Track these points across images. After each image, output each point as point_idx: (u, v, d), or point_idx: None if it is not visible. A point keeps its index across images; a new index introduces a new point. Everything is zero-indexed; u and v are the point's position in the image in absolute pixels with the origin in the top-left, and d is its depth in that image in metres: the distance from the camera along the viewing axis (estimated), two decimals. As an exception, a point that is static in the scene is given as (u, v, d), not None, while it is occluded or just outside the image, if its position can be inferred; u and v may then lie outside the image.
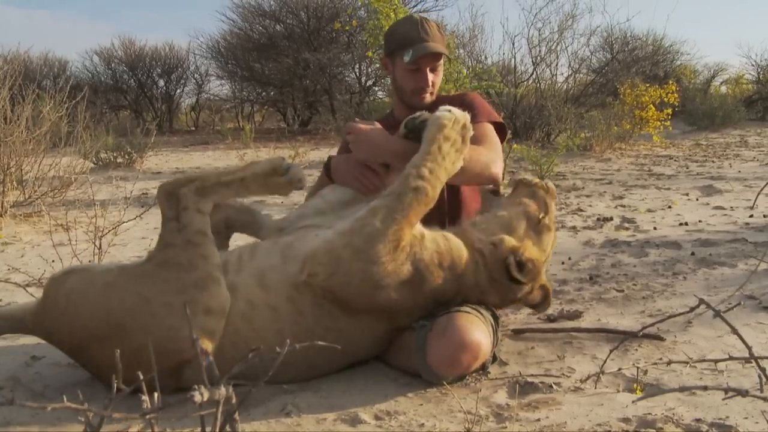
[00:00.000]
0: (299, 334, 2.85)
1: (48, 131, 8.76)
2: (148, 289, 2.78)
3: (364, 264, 2.84)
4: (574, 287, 4.65)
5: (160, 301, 2.75)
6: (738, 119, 21.17)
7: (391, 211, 2.87)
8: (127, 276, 2.85)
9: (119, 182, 9.94)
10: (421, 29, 3.76)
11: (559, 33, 18.35)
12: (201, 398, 1.13)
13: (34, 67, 25.37)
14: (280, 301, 2.88)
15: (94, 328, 2.82)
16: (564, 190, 9.54)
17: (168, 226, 2.86)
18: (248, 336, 2.86)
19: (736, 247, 5.59)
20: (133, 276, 2.84)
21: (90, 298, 2.84)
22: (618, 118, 15.48)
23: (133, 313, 2.75)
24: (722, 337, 3.53)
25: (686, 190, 9.08)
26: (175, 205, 2.87)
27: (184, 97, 29.18)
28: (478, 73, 13.92)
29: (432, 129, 3.03)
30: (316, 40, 23.22)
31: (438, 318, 3.03)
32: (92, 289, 2.86)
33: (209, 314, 2.76)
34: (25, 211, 8.13)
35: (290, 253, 2.96)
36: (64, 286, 2.92)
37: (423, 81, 3.83)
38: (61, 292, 2.91)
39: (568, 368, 3.26)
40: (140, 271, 2.85)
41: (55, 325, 2.93)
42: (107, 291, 2.83)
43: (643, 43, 26.11)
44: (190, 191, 2.88)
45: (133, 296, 2.78)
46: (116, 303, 2.79)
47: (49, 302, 2.95)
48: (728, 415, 2.67)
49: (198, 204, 2.88)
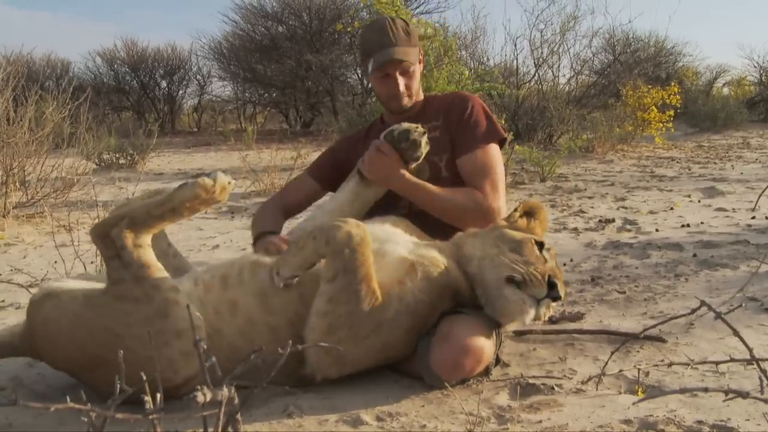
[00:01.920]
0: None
1: (51, 132, 8.79)
2: (114, 323, 2.75)
3: (359, 348, 2.87)
4: (576, 289, 4.65)
5: (129, 334, 2.73)
6: (740, 121, 21.15)
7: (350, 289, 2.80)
8: (92, 308, 2.82)
9: (121, 183, 9.96)
10: (384, 33, 3.63)
11: (561, 34, 18.37)
12: (204, 399, 1.13)
13: (36, 69, 25.42)
14: (281, 323, 2.90)
15: (74, 359, 2.85)
16: (566, 191, 9.54)
17: (111, 265, 2.81)
18: (246, 352, 2.85)
19: (738, 249, 5.59)
20: (97, 308, 2.80)
21: (63, 330, 2.84)
22: (620, 119, 15.48)
23: (106, 347, 2.73)
24: (724, 339, 3.53)
25: (688, 192, 9.07)
26: (111, 246, 2.81)
27: (186, 99, 29.31)
28: (480, 74, 13.91)
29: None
30: (318, 42, 23.26)
31: (441, 322, 3.03)
32: (64, 319, 2.84)
33: (181, 337, 2.75)
34: (28, 212, 8.15)
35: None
36: (41, 313, 2.92)
37: (394, 87, 3.71)
38: (39, 319, 2.92)
39: (570, 370, 3.26)
40: (103, 302, 2.81)
41: (42, 348, 2.94)
42: (77, 323, 2.81)
43: (645, 45, 26.17)
44: (123, 229, 2.80)
45: (101, 331, 2.77)
46: (87, 337, 2.79)
47: (31, 326, 2.96)
48: (730, 417, 2.67)
49: (135, 240, 2.81)
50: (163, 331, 2.73)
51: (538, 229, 3.25)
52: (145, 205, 2.87)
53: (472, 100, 3.80)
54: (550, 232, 6.69)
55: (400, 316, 2.89)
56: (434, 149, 3.58)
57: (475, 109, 3.74)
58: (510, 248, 3.01)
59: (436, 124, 3.72)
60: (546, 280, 2.88)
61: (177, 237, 7.17)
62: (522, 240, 3.04)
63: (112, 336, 2.74)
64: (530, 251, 2.99)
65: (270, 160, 10.83)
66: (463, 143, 3.63)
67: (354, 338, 2.82)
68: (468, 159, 3.60)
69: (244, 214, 8.25)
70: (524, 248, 3.00)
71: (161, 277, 2.82)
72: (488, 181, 3.55)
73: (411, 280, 2.94)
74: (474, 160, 3.59)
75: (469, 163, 3.60)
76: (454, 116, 3.70)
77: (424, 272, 2.98)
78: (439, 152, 3.64)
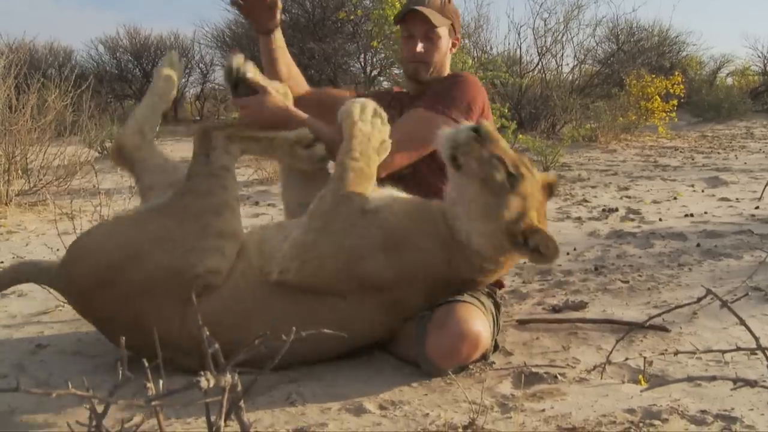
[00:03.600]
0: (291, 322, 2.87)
1: (53, 120, 8.77)
2: (168, 217, 2.97)
3: (328, 239, 2.92)
4: (579, 278, 4.64)
5: (177, 224, 2.94)
6: (744, 111, 21.10)
7: (337, 190, 2.99)
8: (151, 210, 3.08)
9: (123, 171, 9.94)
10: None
11: (565, 23, 18.37)
12: (207, 384, 1.12)
13: (39, 56, 25.33)
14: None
15: (111, 260, 2.93)
16: (569, 181, 9.53)
17: (197, 160, 3.06)
18: (235, 319, 2.94)
19: (741, 239, 5.58)
20: (157, 209, 3.05)
21: (114, 234, 3.01)
22: (623, 109, 15.45)
23: (151, 238, 2.93)
24: (728, 328, 3.52)
25: (692, 182, 9.06)
26: (207, 143, 3.07)
27: (189, 87, 29.13)
28: (483, 63, 13.87)
29: (347, 120, 3.15)
30: (321, 30, 23.17)
31: (438, 308, 3.02)
32: (118, 226, 3.04)
33: (221, 238, 2.95)
34: (30, 199, 8.14)
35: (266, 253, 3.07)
36: (93, 232, 3.10)
37: (412, 48, 3.61)
38: (90, 235, 3.09)
39: (573, 359, 3.26)
40: (163, 203, 3.05)
41: (74, 270, 3.02)
42: (132, 224, 3.02)
43: (649, 34, 26.07)
44: (223, 135, 3.08)
45: (154, 224, 2.97)
46: (138, 233, 2.96)
47: (74, 248, 3.09)
48: (733, 407, 2.67)
49: (227, 147, 3.08)
50: (209, 225, 2.94)
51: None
52: (251, 127, 3.20)
53: (465, 76, 3.62)
54: (553, 221, 6.68)
55: (372, 227, 2.94)
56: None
57: (458, 83, 3.55)
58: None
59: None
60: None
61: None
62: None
63: (160, 227, 2.96)
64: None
65: (272, 149, 10.80)
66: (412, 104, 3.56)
67: (324, 229, 2.93)
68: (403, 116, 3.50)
69: (246, 203, 8.23)
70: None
71: (232, 183, 3.08)
72: (398, 133, 3.29)
73: (394, 202, 3.06)
74: (405, 117, 3.48)
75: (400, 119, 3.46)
76: (438, 86, 3.57)
77: (407, 202, 3.12)
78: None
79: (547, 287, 4.49)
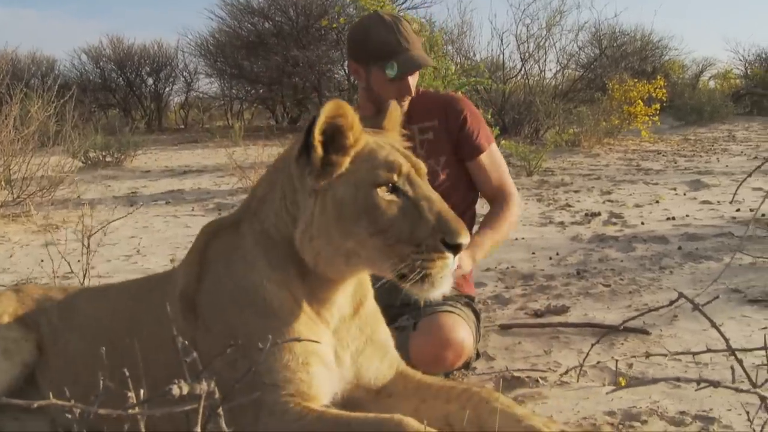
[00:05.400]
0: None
1: (36, 130, 8.76)
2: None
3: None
4: (562, 282, 4.68)
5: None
6: (726, 114, 21.24)
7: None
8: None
9: (108, 181, 9.94)
10: (400, 36, 3.35)
11: (547, 29, 18.51)
12: (179, 391, 1.14)
13: (21, 66, 25.18)
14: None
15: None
16: (552, 185, 9.58)
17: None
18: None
19: (722, 241, 5.63)
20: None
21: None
22: (606, 113, 15.52)
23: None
24: (707, 330, 3.56)
25: (674, 185, 9.12)
26: None
27: (173, 96, 29.11)
28: (466, 69, 13.93)
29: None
30: (305, 38, 23.21)
31: (422, 318, 3.05)
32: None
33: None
34: (14, 211, 8.12)
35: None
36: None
37: (406, 90, 3.47)
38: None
39: (555, 362, 3.29)
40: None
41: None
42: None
43: (632, 39, 26.24)
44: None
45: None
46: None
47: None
48: (712, 408, 2.70)
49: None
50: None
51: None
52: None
53: (465, 105, 3.66)
54: (536, 226, 6.73)
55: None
56: (430, 152, 3.51)
57: (470, 114, 3.63)
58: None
59: (428, 125, 3.60)
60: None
61: (165, 234, 7.16)
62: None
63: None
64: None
65: (257, 157, 10.80)
66: (472, 149, 3.61)
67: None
68: (479, 162, 3.61)
69: (230, 211, 8.24)
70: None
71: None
72: (504, 174, 3.65)
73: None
74: (486, 161, 3.61)
75: (483, 165, 3.61)
76: (453, 123, 3.58)
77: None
78: (436, 155, 3.55)
79: (530, 292, 4.53)
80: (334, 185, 2.22)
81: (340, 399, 2.49)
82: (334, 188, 2.21)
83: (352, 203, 2.19)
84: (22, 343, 2.77)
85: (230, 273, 2.44)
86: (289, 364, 2.24)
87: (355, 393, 2.53)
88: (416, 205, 2.18)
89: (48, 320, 2.86)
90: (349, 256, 2.25)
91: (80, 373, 2.66)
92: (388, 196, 2.18)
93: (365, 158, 2.24)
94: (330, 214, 2.22)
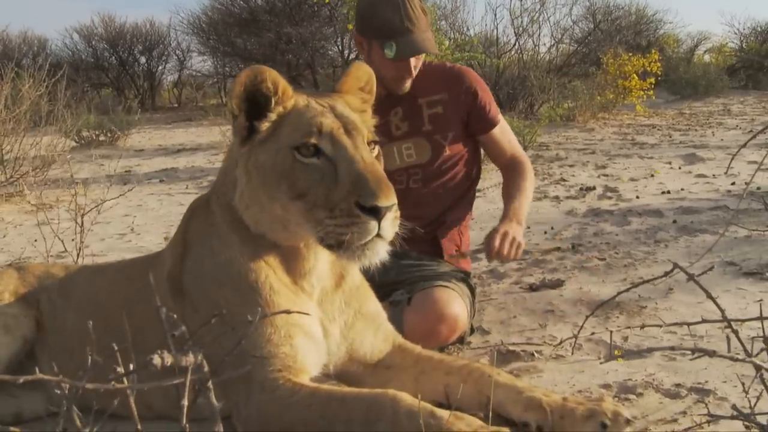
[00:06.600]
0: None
1: (28, 110, 8.70)
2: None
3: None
4: (557, 256, 4.68)
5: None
6: (721, 88, 21.16)
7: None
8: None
9: (101, 160, 9.89)
10: (405, 16, 3.26)
11: (541, 3, 18.36)
12: (161, 362, 1.12)
13: (12, 46, 25.12)
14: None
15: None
16: (547, 160, 9.55)
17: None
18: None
19: (717, 215, 5.63)
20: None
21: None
22: (601, 87, 15.45)
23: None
24: (702, 303, 3.55)
25: (669, 159, 9.10)
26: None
27: (166, 74, 28.91)
28: (459, 44, 13.85)
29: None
30: (297, 14, 23.04)
31: (416, 293, 3.06)
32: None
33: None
34: (7, 190, 8.08)
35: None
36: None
37: (405, 71, 3.40)
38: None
39: (550, 336, 3.29)
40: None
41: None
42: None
43: (626, 13, 26.10)
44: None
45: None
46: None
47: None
48: (707, 380, 2.71)
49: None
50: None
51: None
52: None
53: (474, 79, 3.62)
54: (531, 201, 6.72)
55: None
56: (438, 126, 3.48)
57: (480, 88, 3.60)
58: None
59: (437, 98, 3.53)
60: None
61: (159, 212, 7.15)
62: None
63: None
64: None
65: (251, 135, 10.76)
66: (486, 124, 3.60)
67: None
68: (493, 135, 3.63)
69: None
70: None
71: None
72: (513, 141, 3.72)
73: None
74: (498, 133, 3.64)
75: (496, 137, 3.64)
76: (464, 98, 3.54)
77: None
78: (444, 130, 3.50)
79: (525, 266, 4.52)
80: (257, 150, 2.23)
81: (333, 372, 2.48)
82: (256, 153, 2.23)
83: (272, 167, 2.19)
84: (22, 319, 2.79)
85: (208, 251, 2.44)
86: (272, 338, 2.23)
87: (350, 367, 2.52)
88: (334, 167, 2.13)
89: (48, 297, 2.89)
90: (282, 221, 2.24)
91: (75, 349, 2.66)
92: (307, 159, 2.15)
93: (289, 122, 2.23)
94: (255, 180, 2.23)
